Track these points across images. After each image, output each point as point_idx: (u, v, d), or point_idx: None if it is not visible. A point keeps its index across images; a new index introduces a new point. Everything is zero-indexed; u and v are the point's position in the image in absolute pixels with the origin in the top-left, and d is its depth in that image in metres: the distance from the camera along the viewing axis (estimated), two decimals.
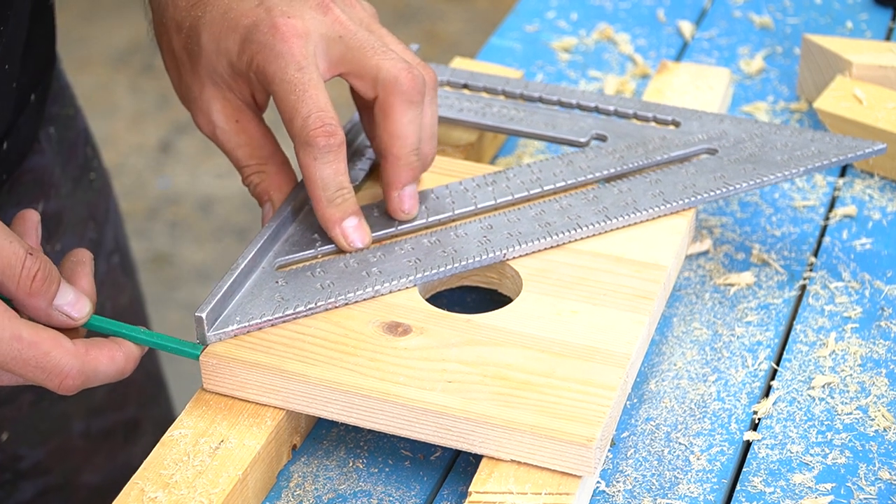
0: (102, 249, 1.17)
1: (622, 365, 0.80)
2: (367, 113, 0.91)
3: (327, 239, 0.88)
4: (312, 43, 0.85)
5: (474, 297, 0.92)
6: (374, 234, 0.88)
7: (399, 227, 0.89)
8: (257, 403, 0.82)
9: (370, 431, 0.84)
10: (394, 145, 0.86)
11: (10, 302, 0.79)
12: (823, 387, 0.87)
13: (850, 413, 0.86)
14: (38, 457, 1.15)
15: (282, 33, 0.84)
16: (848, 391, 0.87)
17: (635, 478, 0.82)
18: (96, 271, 1.15)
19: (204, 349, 0.81)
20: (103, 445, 1.20)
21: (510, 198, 0.92)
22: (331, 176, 0.85)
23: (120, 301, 1.20)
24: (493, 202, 0.91)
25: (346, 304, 0.84)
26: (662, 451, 0.84)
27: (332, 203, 0.86)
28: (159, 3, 0.90)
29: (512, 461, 0.77)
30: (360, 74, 0.86)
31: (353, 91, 0.89)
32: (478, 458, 0.79)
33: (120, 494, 0.77)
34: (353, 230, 0.87)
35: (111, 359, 0.80)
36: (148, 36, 0.92)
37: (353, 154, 0.95)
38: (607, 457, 0.83)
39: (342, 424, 0.85)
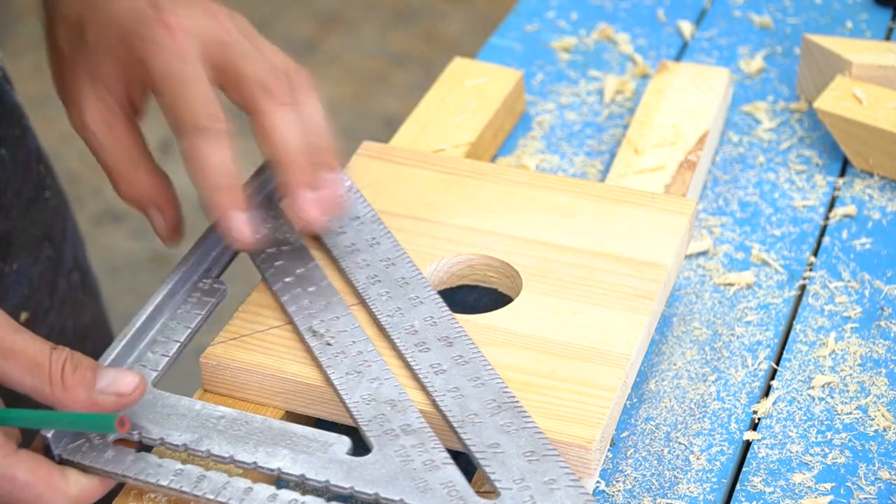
0: (62, 268, 1.16)
1: (622, 366, 0.80)
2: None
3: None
4: (198, 42, 0.83)
5: (474, 297, 0.92)
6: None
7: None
8: (258, 403, 0.82)
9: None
10: (276, 151, 0.83)
11: (44, 408, 0.75)
12: (823, 387, 0.87)
13: (850, 413, 0.86)
14: None
15: (169, 28, 0.82)
16: (848, 391, 0.87)
17: (635, 478, 0.82)
18: (56, 290, 1.14)
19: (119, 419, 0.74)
20: None
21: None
22: (219, 162, 0.82)
23: (82, 320, 1.19)
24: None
25: None
26: (662, 450, 0.84)
27: (219, 190, 0.82)
28: None
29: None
30: (236, 85, 0.84)
31: None
32: None
33: (119, 494, 0.77)
34: (242, 222, 0.83)
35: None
36: (41, 26, 0.91)
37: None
38: (607, 457, 0.83)
39: (342, 425, 0.85)
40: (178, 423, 0.77)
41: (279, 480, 0.76)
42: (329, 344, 0.81)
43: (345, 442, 0.75)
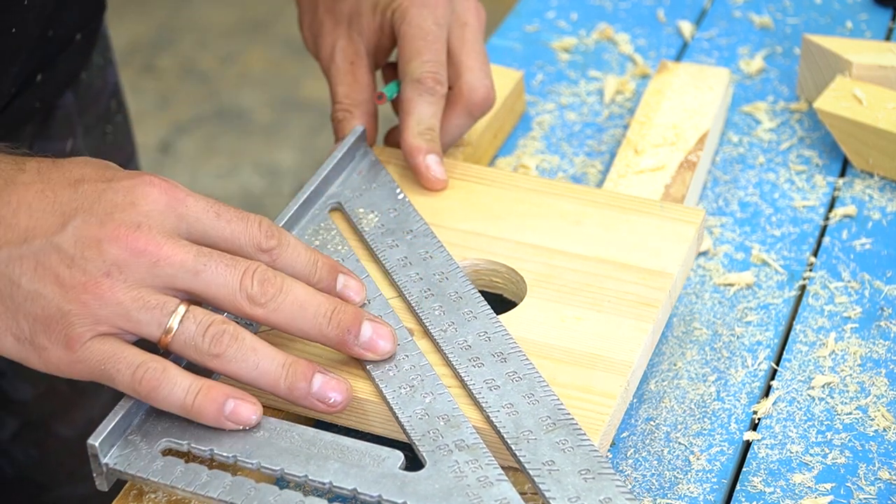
0: None
1: (623, 373, 0.80)
2: None
3: None
4: (451, 13, 0.97)
5: None
6: None
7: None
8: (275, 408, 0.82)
9: (369, 434, 0.84)
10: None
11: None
12: (823, 387, 0.88)
13: (850, 413, 0.86)
14: (27, 397, 1.17)
15: None
16: (848, 391, 0.87)
17: (635, 478, 0.82)
18: None
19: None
20: (80, 400, 1.21)
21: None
22: (427, 114, 0.94)
23: None
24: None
25: None
26: (662, 451, 0.84)
27: (421, 136, 0.93)
28: None
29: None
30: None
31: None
32: None
33: (119, 495, 0.77)
34: (435, 164, 0.93)
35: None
36: None
37: None
38: (606, 457, 0.83)
39: (341, 426, 0.85)
40: (228, 434, 0.77)
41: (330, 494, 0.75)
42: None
43: (398, 456, 0.75)
